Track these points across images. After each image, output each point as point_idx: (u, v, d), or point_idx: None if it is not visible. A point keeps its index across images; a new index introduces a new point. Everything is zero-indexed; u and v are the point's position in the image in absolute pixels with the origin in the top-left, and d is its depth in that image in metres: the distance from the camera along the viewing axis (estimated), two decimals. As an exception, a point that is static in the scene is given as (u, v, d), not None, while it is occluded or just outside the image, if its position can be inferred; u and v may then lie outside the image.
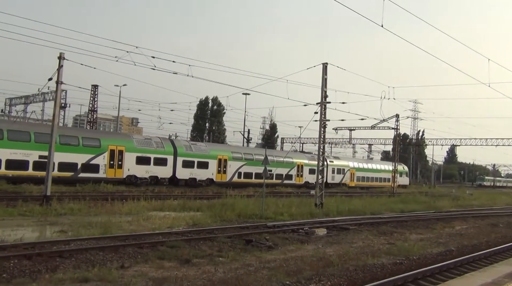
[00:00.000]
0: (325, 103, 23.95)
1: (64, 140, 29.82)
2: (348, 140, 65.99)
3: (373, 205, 26.74)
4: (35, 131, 29.51)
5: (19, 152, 27.89)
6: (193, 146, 39.43)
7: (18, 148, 27.90)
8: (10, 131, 28.18)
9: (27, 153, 28.13)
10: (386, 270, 10.35)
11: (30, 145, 28.40)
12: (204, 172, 38.14)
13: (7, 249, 9.88)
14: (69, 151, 29.91)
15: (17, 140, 28.20)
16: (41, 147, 27.40)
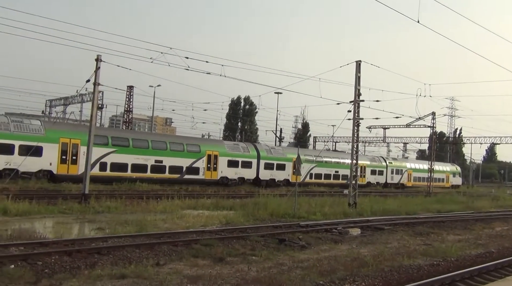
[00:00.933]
0: (359, 102, 23.62)
1: (173, 147, 34.60)
2: (382, 139, 64.77)
3: (408, 205, 26.20)
4: (152, 139, 34.80)
5: (141, 157, 32.32)
6: (272, 149, 43.31)
7: (140, 154, 32.45)
8: (134, 139, 33.27)
9: (146, 158, 32.60)
10: (423, 271, 10.12)
11: (149, 151, 33.03)
12: (281, 173, 41.76)
13: (49, 245, 10.25)
14: (176, 156, 34.26)
15: (139, 147, 32.89)
16: (156, 152, 32.98)
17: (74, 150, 29.33)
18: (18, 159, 25.73)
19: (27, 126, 28.22)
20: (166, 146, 34.35)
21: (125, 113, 56.70)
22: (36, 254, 9.26)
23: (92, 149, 20.50)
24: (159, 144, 33.89)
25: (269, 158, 40.97)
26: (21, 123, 28.37)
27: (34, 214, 15.53)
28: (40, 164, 27.74)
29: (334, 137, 67.65)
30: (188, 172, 34.93)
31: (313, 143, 75.75)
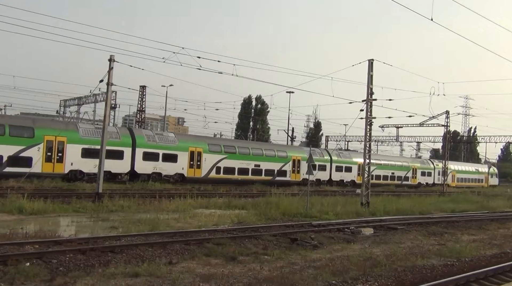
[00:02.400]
0: (371, 101, 23.48)
1: (267, 153, 40.47)
2: (395, 138, 64.26)
3: (421, 205, 25.97)
4: (252, 147, 40.74)
5: (244, 162, 38.10)
6: (341, 154, 49.71)
7: (244, 159, 38.13)
8: (239, 147, 38.87)
9: (248, 162, 38.37)
10: (437, 271, 10.02)
11: (250, 157, 38.70)
12: (349, 174, 48.30)
13: (63, 243, 10.37)
14: (270, 161, 40.10)
15: (243, 154, 38.42)
16: (255, 158, 38.80)
17: (198, 156, 35.41)
18: (161, 165, 33.05)
19: (166, 138, 34.75)
20: (262, 152, 40.20)
21: (137, 113, 57.11)
22: (51, 252, 9.37)
23: (105, 149, 20.69)
24: (257, 151, 39.73)
25: (339, 161, 47.39)
26: (162, 135, 35.16)
27: (49, 212, 15.74)
28: (175, 168, 34.10)
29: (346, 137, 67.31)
30: (278, 174, 40.71)
31: (325, 142, 75.46)
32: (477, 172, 69.84)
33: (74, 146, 28.92)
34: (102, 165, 20.29)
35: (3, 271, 7.93)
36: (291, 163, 41.96)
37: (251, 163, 38.47)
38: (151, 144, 32.87)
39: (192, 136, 42.03)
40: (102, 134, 20.62)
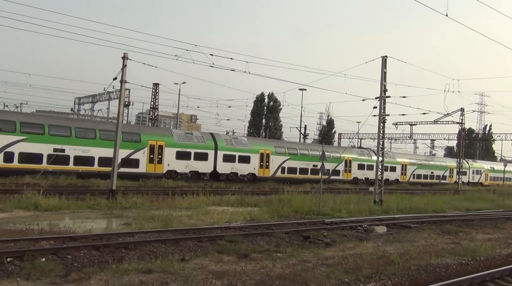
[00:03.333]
0: (385, 98, 23.29)
1: None
2: (409, 135, 63.67)
3: (435, 203, 25.71)
4: (310, 148, 45.21)
5: (304, 163, 42.45)
6: (386, 154, 54.33)
7: (304, 160, 42.66)
8: (300, 149, 43.46)
9: (307, 163, 42.59)
10: (451, 270, 9.91)
11: (309, 158, 43.05)
12: (393, 174, 51.67)
13: (78, 239, 10.50)
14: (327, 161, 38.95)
15: (304, 155, 43.36)
16: (313, 159, 41.92)
17: (267, 158, 39.60)
18: (237, 165, 37.05)
19: (241, 141, 39.10)
20: (317, 153, 43.49)
21: (151, 111, 57.47)
22: (66, 248, 9.50)
23: (119, 146, 20.86)
24: (315, 152, 43.00)
25: (385, 161, 48.90)
26: (237, 139, 39.87)
27: (64, 209, 15.95)
28: (248, 168, 37.98)
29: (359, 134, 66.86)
30: (333, 174, 44.06)
31: (338, 139, 75.08)
32: (508, 171, 70.92)
33: (170, 149, 33.19)
34: (116, 161, 20.45)
35: (19, 266, 8.05)
36: (344, 163, 46.56)
37: (310, 163, 42.43)
38: (229, 147, 37.13)
39: (261, 140, 47.64)
40: (116, 131, 20.77)
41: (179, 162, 33.50)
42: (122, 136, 27.88)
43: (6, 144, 26.37)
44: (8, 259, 8.33)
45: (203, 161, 34.82)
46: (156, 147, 32.55)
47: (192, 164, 34.10)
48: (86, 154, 29.34)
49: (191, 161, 34.14)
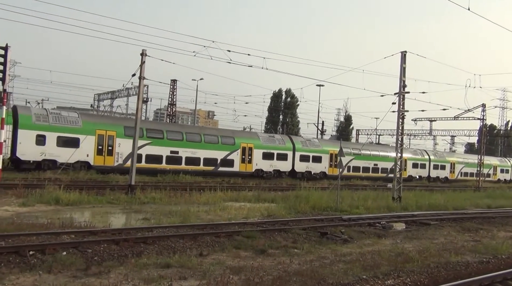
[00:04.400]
0: (404, 94, 23.00)
1: (383, 154, 48.52)
2: (429, 131, 62.75)
3: (456, 200, 25.36)
4: (372, 149, 48.99)
5: (367, 162, 46.26)
6: (437, 153, 58.08)
7: (367, 159, 46.36)
8: (362, 150, 45.20)
9: (369, 162, 46.44)
10: (471, 268, 9.77)
11: (371, 157, 46.82)
12: (443, 172, 56.39)
13: (98, 234, 10.65)
14: (385, 160, 47.62)
15: (366, 155, 46.22)
16: (374, 158, 46.95)
17: (335, 158, 42.52)
18: (311, 164, 41.17)
19: (313, 143, 42.97)
20: (379, 154, 48.62)
21: (169, 107, 57.90)
22: (86, 242, 9.65)
23: (137, 142, 21.08)
24: (375, 152, 48.18)
25: (436, 160, 55.91)
26: (311, 141, 43.25)
27: (84, 203, 16.21)
28: (320, 167, 41.99)
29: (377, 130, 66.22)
30: (390, 172, 45.71)
31: (355, 135, 74.50)
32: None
33: (257, 151, 37.54)
34: (135, 158, 20.68)
35: (41, 259, 8.22)
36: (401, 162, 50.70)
37: (371, 163, 46.93)
38: (304, 148, 41.07)
39: (330, 142, 50.28)
40: (135, 128, 20.98)
41: (265, 162, 37.92)
42: (221, 140, 35.52)
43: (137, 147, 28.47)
44: (30, 252, 8.51)
45: (283, 161, 39.14)
46: (247, 148, 37.11)
47: (275, 164, 38.61)
48: (194, 155, 33.79)
49: (274, 161, 38.52)
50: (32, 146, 27.01)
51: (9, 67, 18.41)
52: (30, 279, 7.18)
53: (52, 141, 27.74)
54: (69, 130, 28.51)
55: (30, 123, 27.12)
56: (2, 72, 17.98)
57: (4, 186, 18.36)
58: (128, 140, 28.70)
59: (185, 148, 33.25)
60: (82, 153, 28.66)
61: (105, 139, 29.90)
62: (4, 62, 18.01)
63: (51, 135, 27.75)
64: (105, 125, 30.62)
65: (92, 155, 29.36)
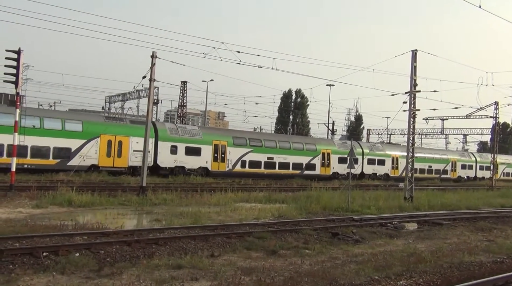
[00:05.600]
0: (415, 92, 22.83)
1: (436, 157, 54.31)
2: (440, 130, 62.17)
3: (468, 199, 25.10)
4: (426, 152, 54.13)
5: (422, 164, 50.27)
6: (482, 155, 61.12)
7: (423, 162, 50.37)
8: (419, 153, 47.70)
9: (424, 164, 50.98)
10: (485, 268, 9.66)
11: (424, 160, 51.49)
12: (470, 171, 59.00)
13: (110, 235, 10.73)
14: (438, 162, 53.81)
15: (421, 158, 49.47)
16: (426, 160, 52.01)
17: (397, 161, 48.58)
18: (377, 167, 46.94)
19: (378, 147, 48.07)
20: (433, 156, 53.81)
21: (179, 108, 58.12)
22: (99, 243, 9.73)
23: (149, 143, 21.19)
24: (430, 155, 53.47)
25: (482, 161, 59.72)
26: (375, 146, 47.97)
27: (96, 205, 16.34)
28: (384, 169, 47.49)
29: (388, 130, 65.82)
30: (442, 173, 54.50)
31: (366, 135, 74.09)
32: None
33: (334, 156, 43.01)
34: (146, 159, 20.79)
35: (54, 260, 8.30)
36: (451, 164, 56.30)
37: (427, 164, 52.09)
38: (371, 152, 45.68)
39: (392, 146, 54.78)
40: (146, 130, 21.11)
41: (340, 166, 42.46)
42: (305, 147, 40.86)
43: (242, 154, 36.34)
44: (44, 253, 8.61)
45: (356, 165, 41.29)
46: (326, 154, 42.48)
47: None
48: (285, 160, 38.80)
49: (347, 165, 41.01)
50: (168, 155, 32.35)
51: (22, 71, 18.64)
52: (44, 280, 7.26)
53: (182, 150, 33.10)
54: (193, 141, 33.84)
55: (166, 136, 32.53)
56: (15, 75, 18.20)
57: (18, 188, 18.59)
58: (235, 149, 35.98)
59: (278, 154, 38.52)
60: (202, 160, 34.19)
61: (219, 148, 35.25)
62: (17, 66, 18.22)
63: (181, 146, 33.09)
64: (219, 136, 36.31)
65: (210, 162, 34.80)
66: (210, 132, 37.09)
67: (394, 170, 48.41)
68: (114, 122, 31.79)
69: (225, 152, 35.49)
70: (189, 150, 33.46)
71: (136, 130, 30.91)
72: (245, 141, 36.74)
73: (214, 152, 34.94)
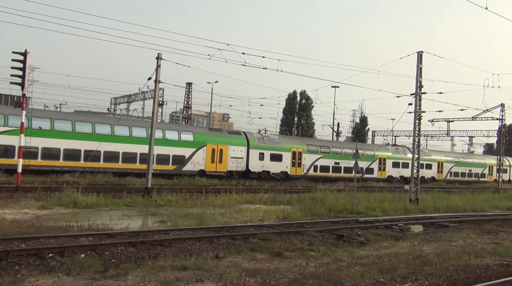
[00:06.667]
0: (420, 94, 22.75)
1: (475, 162, 58.94)
2: (446, 132, 61.90)
3: (474, 202, 24.97)
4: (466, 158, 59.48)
5: (463, 168, 55.99)
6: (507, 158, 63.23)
7: (463, 166, 56.53)
8: (460, 158, 56.50)
9: (464, 168, 56.22)
10: (491, 271, 9.59)
11: (466, 164, 57.16)
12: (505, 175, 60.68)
13: (115, 236, 10.76)
14: (476, 166, 57.76)
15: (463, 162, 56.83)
16: (469, 165, 57.70)
17: (442, 165, 54.02)
18: (425, 171, 49.43)
19: (425, 153, 51.07)
20: (472, 161, 58.51)
21: (184, 110, 58.22)
22: (104, 244, 9.75)
23: (153, 145, 21.24)
24: (468, 160, 58.70)
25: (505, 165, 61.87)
26: (423, 151, 49.69)
27: (101, 206, 16.39)
28: (431, 173, 52.26)
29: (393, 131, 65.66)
30: (475, 176, 57.92)
31: (371, 137, 73.89)
32: None
33: (389, 161, 47.53)
34: (151, 161, 20.83)
35: (60, 261, 8.34)
36: (488, 168, 59.78)
37: (467, 169, 56.96)
38: (422, 158, 48.38)
39: (438, 152, 59.24)
40: (151, 132, 21.16)
41: (394, 169, 47.92)
42: (365, 153, 43.82)
43: (315, 160, 41.25)
44: (50, 254, 8.65)
45: (406, 169, 46.60)
46: (382, 159, 46.72)
47: (400, 171, 48.35)
48: (348, 165, 41.54)
49: (400, 169, 48.30)
50: (256, 161, 37.17)
51: (28, 73, 18.74)
52: (49, 281, 7.29)
53: (267, 157, 37.88)
54: (276, 148, 38.66)
55: (255, 145, 37.37)
56: (21, 77, 18.31)
57: (24, 189, 18.69)
58: (309, 155, 40.83)
59: (344, 159, 42.88)
60: (283, 165, 38.90)
61: (297, 155, 39.85)
62: (23, 68, 18.33)
63: (267, 153, 37.93)
64: (296, 144, 40.96)
65: (289, 166, 39.28)
66: (289, 140, 42.07)
67: (439, 173, 53.67)
68: (215, 133, 37.02)
69: (301, 158, 40.19)
70: (273, 156, 38.32)
71: (233, 139, 36.57)
72: (316, 148, 41.87)
73: (292, 158, 39.75)
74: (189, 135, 34.45)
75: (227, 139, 36.29)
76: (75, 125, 29.26)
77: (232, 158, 35.83)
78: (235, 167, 35.93)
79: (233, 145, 36.06)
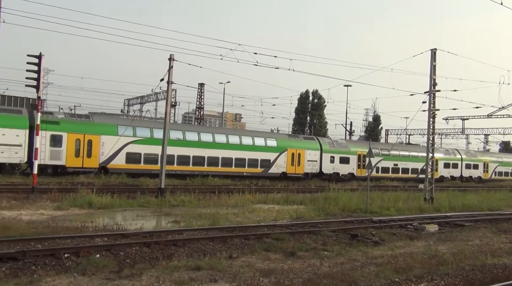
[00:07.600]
0: (434, 92, 22.51)
1: (506, 161, 60.85)
2: (461, 130, 61.17)
3: (491, 200, 24.63)
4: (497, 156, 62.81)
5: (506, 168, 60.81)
6: None
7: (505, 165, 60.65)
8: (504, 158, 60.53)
9: (507, 168, 60.48)
10: (509, 271, 9.44)
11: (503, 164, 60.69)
12: None
13: (130, 236, 10.84)
14: (508, 166, 61.13)
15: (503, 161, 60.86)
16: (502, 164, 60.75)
17: (487, 166, 57.52)
18: (471, 171, 55.55)
19: (470, 153, 58.17)
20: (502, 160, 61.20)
21: (196, 110, 58.44)
22: (119, 244, 9.83)
23: (166, 145, 21.34)
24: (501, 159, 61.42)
25: None
26: (469, 152, 57.23)
27: (116, 207, 16.52)
28: (477, 173, 55.74)
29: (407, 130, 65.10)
30: (505, 174, 61.02)
31: (385, 136, 73.31)
32: None
33: (441, 162, 49.40)
34: (164, 161, 20.92)
35: (76, 261, 8.42)
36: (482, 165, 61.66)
37: (510, 168, 60.82)
38: (467, 158, 54.63)
39: (483, 153, 63.56)
40: (164, 132, 21.26)
41: (445, 170, 51.34)
42: (419, 155, 46.38)
43: (377, 162, 41.68)
44: (65, 255, 8.74)
45: (455, 169, 52.59)
46: (435, 161, 43.90)
47: (450, 171, 52.18)
48: (406, 166, 47.42)
49: (450, 169, 52.03)
50: (328, 164, 41.14)
51: (43, 75, 18.97)
52: (65, 281, 7.37)
53: (337, 160, 41.79)
54: (344, 152, 42.53)
55: (327, 149, 41.47)
56: (36, 80, 18.54)
57: (39, 190, 18.92)
58: None
59: (401, 161, 47.01)
60: (350, 167, 42.75)
61: (361, 157, 42.91)
62: (38, 71, 18.56)
63: (336, 156, 41.83)
64: (360, 147, 43.96)
65: (355, 168, 43.10)
66: (355, 144, 45.81)
67: (485, 172, 57.04)
68: (294, 139, 41.37)
69: (365, 160, 41.96)
70: (342, 159, 42.19)
71: (308, 144, 40.64)
72: (378, 151, 43.65)
73: (358, 160, 43.36)
74: (273, 141, 38.59)
75: (303, 144, 40.44)
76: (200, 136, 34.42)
77: (308, 161, 39.90)
78: (310, 169, 39.88)
79: (308, 149, 40.24)
